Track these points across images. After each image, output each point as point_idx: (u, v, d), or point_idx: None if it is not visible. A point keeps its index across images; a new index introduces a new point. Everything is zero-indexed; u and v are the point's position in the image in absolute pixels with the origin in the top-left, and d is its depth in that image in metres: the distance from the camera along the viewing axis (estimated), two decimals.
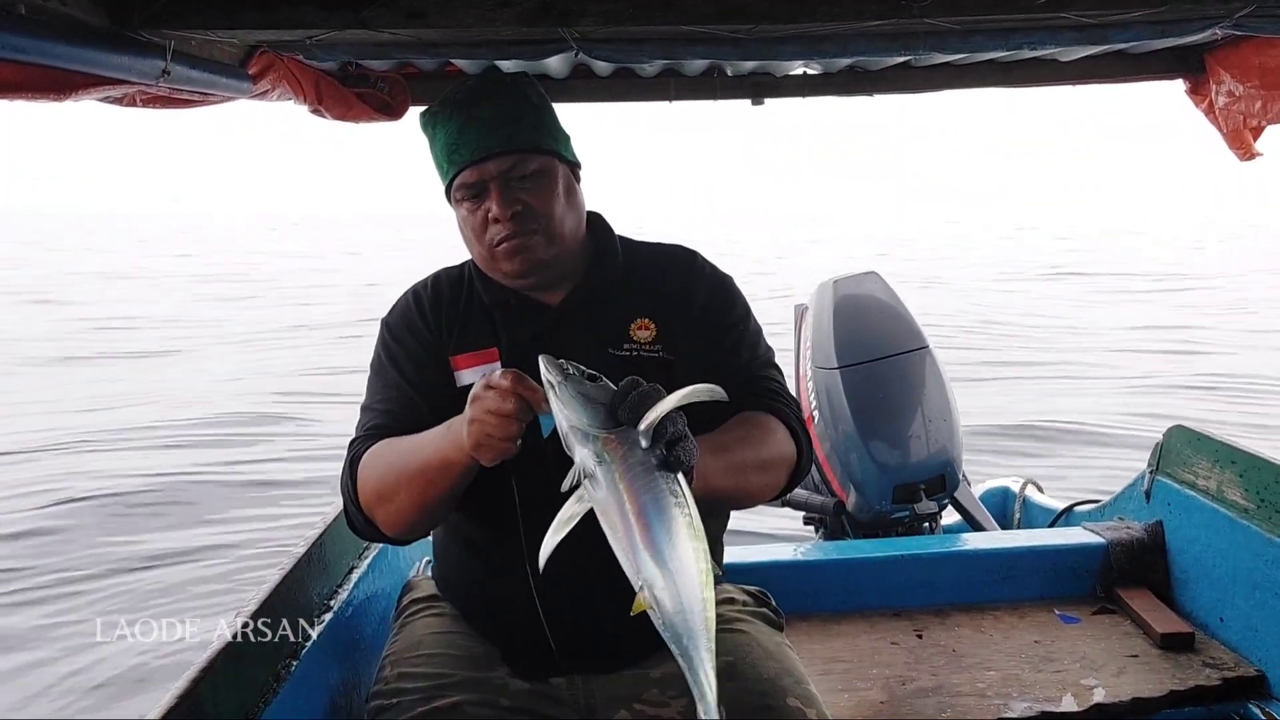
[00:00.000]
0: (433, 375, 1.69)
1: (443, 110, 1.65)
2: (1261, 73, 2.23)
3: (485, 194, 1.61)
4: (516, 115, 1.62)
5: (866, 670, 2.41)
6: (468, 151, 1.60)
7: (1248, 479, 2.48)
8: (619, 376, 1.60)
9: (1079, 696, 2.25)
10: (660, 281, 1.74)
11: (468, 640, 1.74)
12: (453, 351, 1.70)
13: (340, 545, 2.19)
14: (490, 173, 1.60)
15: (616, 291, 1.72)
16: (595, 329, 1.68)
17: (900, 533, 3.14)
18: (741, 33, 1.88)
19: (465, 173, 1.61)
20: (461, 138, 1.61)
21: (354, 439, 1.67)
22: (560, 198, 1.65)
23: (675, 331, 1.69)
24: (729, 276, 1.81)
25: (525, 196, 1.61)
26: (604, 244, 1.77)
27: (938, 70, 2.61)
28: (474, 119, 1.61)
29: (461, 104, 1.63)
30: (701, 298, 1.74)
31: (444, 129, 1.64)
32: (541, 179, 1.62)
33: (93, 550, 5.80)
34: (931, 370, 3.14)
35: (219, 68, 1.86)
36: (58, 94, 1.50)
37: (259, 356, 13.49)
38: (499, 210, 1.59)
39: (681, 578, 1.14)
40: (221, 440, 8.45)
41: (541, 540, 1.29)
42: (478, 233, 1.64)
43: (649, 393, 1.22)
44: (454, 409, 1.48)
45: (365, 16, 1.67)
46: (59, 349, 13.95)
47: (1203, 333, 14.74)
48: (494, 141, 1.60)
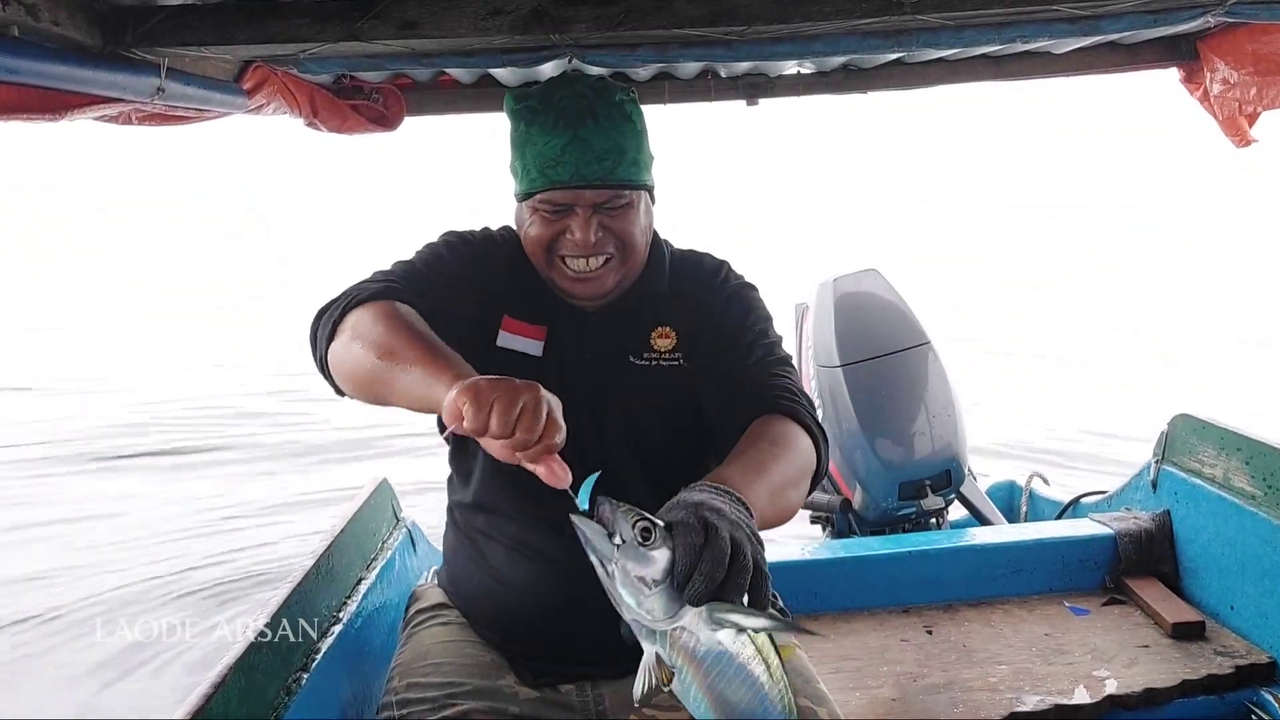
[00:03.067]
0: (478, 315, 1.66)
1: (544, 112, 1.59)
2: (1256, 59, 2.23)
3: (569, 215, 1.59)
4: (621, 146, 1.59)
5: (877, 668, 2.40)
6: (567, 172, 1.56)
7: (1254, 466, 2.47)
8: (638, 384, 1.59)
9: (1091, 689, 2.25)
10: (689, 291, 1.74)
11: (476, 649, 1.73)
12: (510, 311, 1.68)
13: (348, 557, 2.20)
14: (585, 200, 1.58)
15: (649, 300, 1.72)
16: (620, 336, 1.69)
17: (907, 529, 3.14)
18: (734, 35, 1.88)
19: (558, 192, 1.58)
20: (564, 155, 1.56)
21: (365, 281, 1.56)
22: (641, 229, 1.64)
23: (694, 340, 1.70)
24: (753, 286, 1.81)
25: (610, 224, 1.60)
26: (655, 255, 1.76)
27: (931, 66, 2.61)
28: (579, 140, 1.56)
29: (567, 115, 1.57)
30: (720, 306, 1.73)
31: (542, 136, 1.58)
32: (629, 212, 1.61)
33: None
34: (934, 366, 3.14)
35: (213, 84, 1.86)
36: (53, 114, 1.51)
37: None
38: (582, 236, 1.58)
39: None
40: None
41: (552, 545, 1.29)
42: (545, 243, 1.62)
43: (715, 570, 1.05)
44: (477, 360, 1.33)
45: (358, 29, 1.67)
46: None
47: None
48: (597, 171, 1.56)
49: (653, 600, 1.03)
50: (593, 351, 1.68)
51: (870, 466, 3.06)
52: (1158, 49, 2.47)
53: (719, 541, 1.06)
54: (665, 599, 1.03)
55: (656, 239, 1.79)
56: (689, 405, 1.67)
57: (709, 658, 1.03)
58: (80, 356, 11.60)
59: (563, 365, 1.67)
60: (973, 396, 8.00)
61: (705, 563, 1.04)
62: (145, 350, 12.18)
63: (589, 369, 1.67)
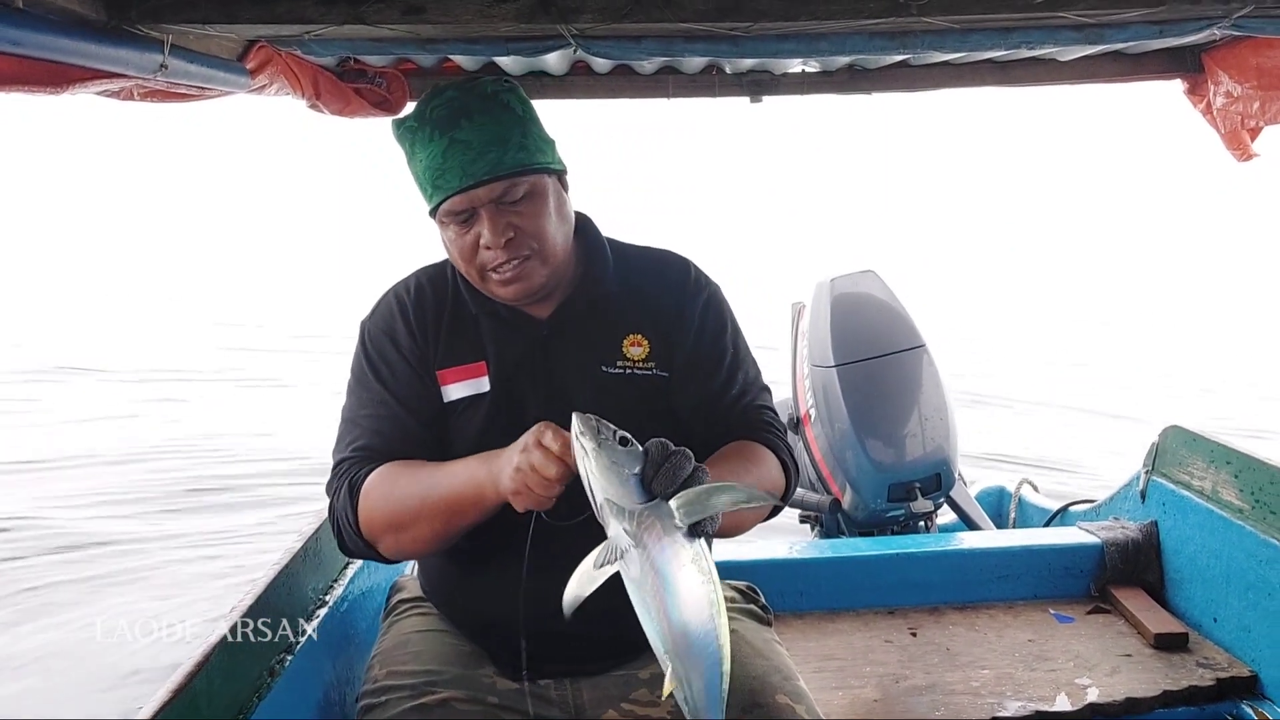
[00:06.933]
0: (419, 388, 1.64)
1: (420, 127, 1.55)
2: (1259, 73, 2.23)
3: (475, 219, 1.54)
4: (503, 135, 1.53)
5: (860, 668, 2.41)
6: (454, 178, 1.52)
7: (1242, 480, 2.48)
8: (613, 395, 1.60)
9: (1073, 696, 2.26)
10: (653, 294, 1.70)
11: (455, 639, 1.73)
12: (439, 364, 1.65)
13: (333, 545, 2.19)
14: (480, 199, 1.52)
15: (608, 304, 1.68)
16: (587, 345, 1.65)
17: (896, 531, 3.14)
18: (740, 30, 1.88)
19: (453, 200, 1.53)
20: (446, 162, 1.52)
21: (342, 459, 1.62)
22: (552, 216, 1.58)
23: (669, 348, 1.67)
24: (718, 287, 1.78)
25: (517, 221, 1.54)
26: (593, 250, 1.72)
27: (936, 69, 2.61)
28: (457, 142, 1.52)
29: (441, 123, 1.53)
30: (696, 315, 1.70)
31: (424, 149, 1.54)
32: (533, 201, 1.55)
33: None
34: (928, 369, 3.14)
35: (217, 62, 1.85)
36: (55, 87, 1.50)
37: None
38: (492, 239, 1.53)
39: (707, 658, 1.18)
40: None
41: (526, 547, 1.32)
42: (467, 255, 1.57)
43: (681, 461, 1.24)
44: (443, 423, 1.52)
45: (363, 11, 1.67)
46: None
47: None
48: (481, 167, 1.51)
49: (628, 485, 1.23)
50: (557, 364, 1.65)
51: (861, 467, 3.06)
52: (1162, 60, 2.48)
53: (681, 454, 1.25)
54: (637, 485, 1.23)
55: (593, 232, 1.74)
56: (666, 415, 1.65)
57: (668, 548, 1.20)
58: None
59: (517, 389, 1.63)
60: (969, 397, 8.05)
61: (670, 465, 1.24)
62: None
63: (553, 383, 1.64)
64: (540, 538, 1.41)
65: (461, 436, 1.62)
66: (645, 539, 1.20)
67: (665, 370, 1.66)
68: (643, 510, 1.21)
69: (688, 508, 1.21)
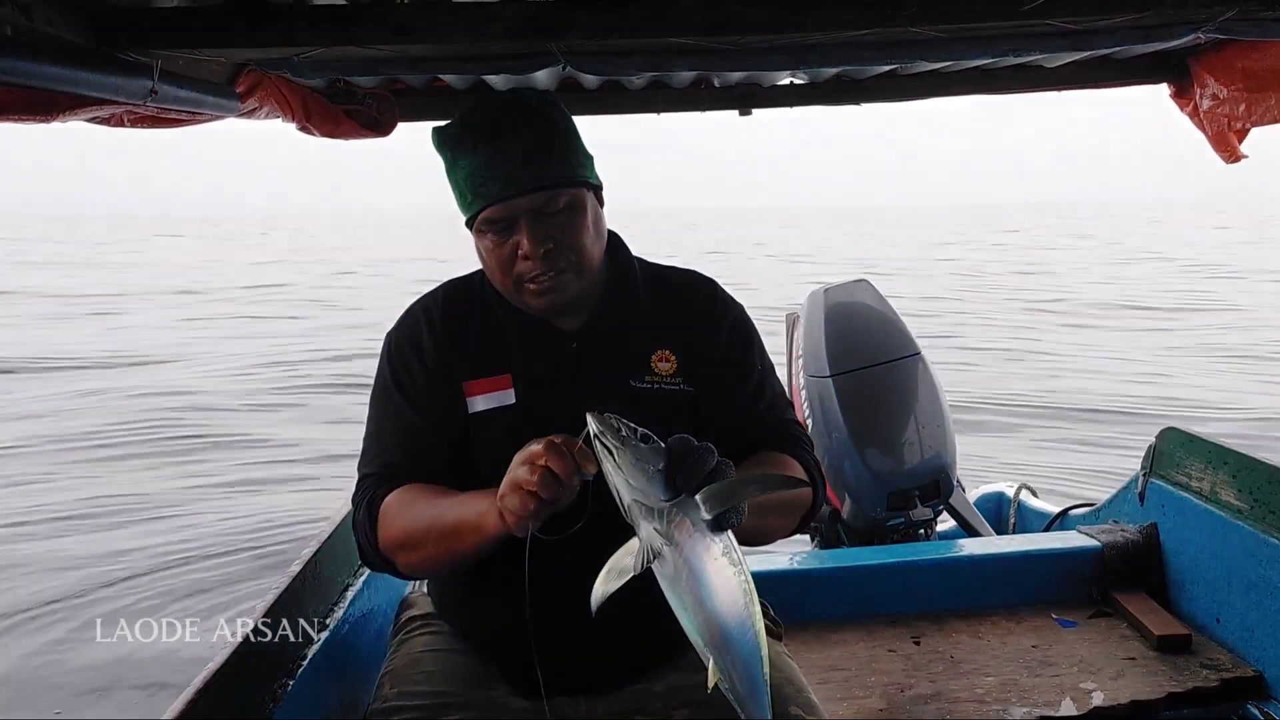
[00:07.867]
0: (443, 401, 1.64)
1: (464, 137, 1.56)
2: (1245, 76, 2.24)
3: (513, 229, 1.54)
4: (546, 147, 1.55)
5: (865, 678, 2.40)
6: (496, 187, 1.52)
7: (1240, 480, 2.48)
8: (641, 409, 1.60)
9: (1078, 700, 2.25)
10: (681, 311, 1.71)
11: (466, 658, 1.72)
12: (465, 376, 1.65)
13: (336, 562, 2.18)
14: (521, 209, 1.53)
15: (636, 320, 1.69)
16: (615, 360, 1.66)
17: (896, 540, 3.14)
18: (729, 44, 1.88)
19: (493, 209, 1.54)
20: (489, 171, 1.53)
21: (367, 474, 1.63)
22: (590, 229, 1.59)
23: (697, 364, 1.67)
24: (743, 307, 1.79)
25: (556, 233, 1.55)
26: (623, 266, 1.73)
27: (924, 78, 2.62)
28: (500, 151, 1.53)
29: (485, 133, 1.54)
30: (724, 333, 1.72)
31: (467, 157, 1.55)
32: (572, 213, 1.56)
33: None
34: (924, 376, 3.15)
35: (206, 87, 1.85)
36: (45, 115, 1.50)
37: None
38: (530, 249, 1.53)
39: (746, 646, 1.20)
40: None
41: (540, 561, 1.30)
42: (504, 265, 1.57)
43: (705, 455, 1.22)
44: (467, 435, 1.54)
45: (352, 33, 1.67)
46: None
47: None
48: (524, 178, 1.52)
49: (653, 483, 1.21)
50: (586, 377, 1.65)
51: (859, 476, 3.06)
52: (1149, 64, 2.49)
53: (704, 448, 1.23)
54: (663, 482, 1.21)
55: (621, 246, 1.75)
56: (693, 430, 1.65)
57: (699, 543, 1.20)
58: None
59: (544, 402, 1.63)
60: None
61: (694, 460, 1.22)
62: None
63: (580, 396, 1.60)
64: (542, 554, 1.40)
65: (486, 448, 1.61)
66: (677, 536, 1.20)
67: (692, 385, 1.66)
68: (672, 507, 1.21)
69: (715, 501, 1.20)
